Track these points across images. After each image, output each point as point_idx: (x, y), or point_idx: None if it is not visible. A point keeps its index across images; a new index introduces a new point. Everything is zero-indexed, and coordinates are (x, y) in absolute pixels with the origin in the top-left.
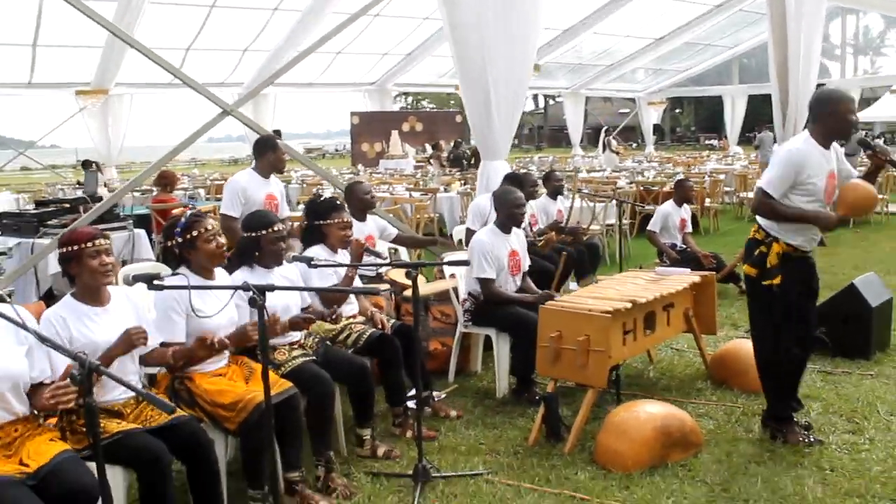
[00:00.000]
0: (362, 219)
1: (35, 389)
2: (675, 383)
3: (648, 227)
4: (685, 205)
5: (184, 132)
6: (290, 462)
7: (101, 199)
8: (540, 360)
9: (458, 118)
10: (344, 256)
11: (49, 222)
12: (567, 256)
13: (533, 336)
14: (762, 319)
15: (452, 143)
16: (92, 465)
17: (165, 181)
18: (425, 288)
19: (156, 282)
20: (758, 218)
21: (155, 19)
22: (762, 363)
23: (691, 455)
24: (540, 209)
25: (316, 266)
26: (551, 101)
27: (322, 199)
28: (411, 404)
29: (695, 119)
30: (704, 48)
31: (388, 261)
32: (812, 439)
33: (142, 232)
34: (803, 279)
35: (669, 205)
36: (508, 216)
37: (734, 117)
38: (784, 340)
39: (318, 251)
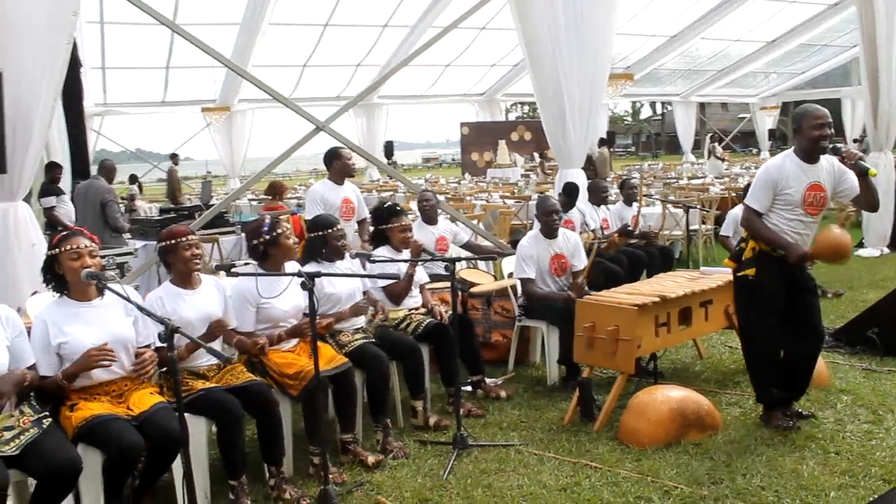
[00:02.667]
0: (434, 222)
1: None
2: (717, 376)
3: (721, 232)
4: None
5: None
6: (345, 425)
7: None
8: (576, 348)
9: None
10: (406, 256)
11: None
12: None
13: None
14: (745, 313)
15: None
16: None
17: (275, 191)
18: (488, 285)
19: (232, 269)
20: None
21: (274, 39)
22: (744, 351)
23: (707, 436)
24: (614, 214)
25: (375, 261)
26: (668, 108)
27: (385, 205)
28: (465, 387)
29: None
30: (820, 49)
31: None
32: (791, 424)
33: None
34: (783, 275)
35: (740, 209)
36: (543, 223)
37: (854, 119)
38: (762, 330)
39: (383, 251)
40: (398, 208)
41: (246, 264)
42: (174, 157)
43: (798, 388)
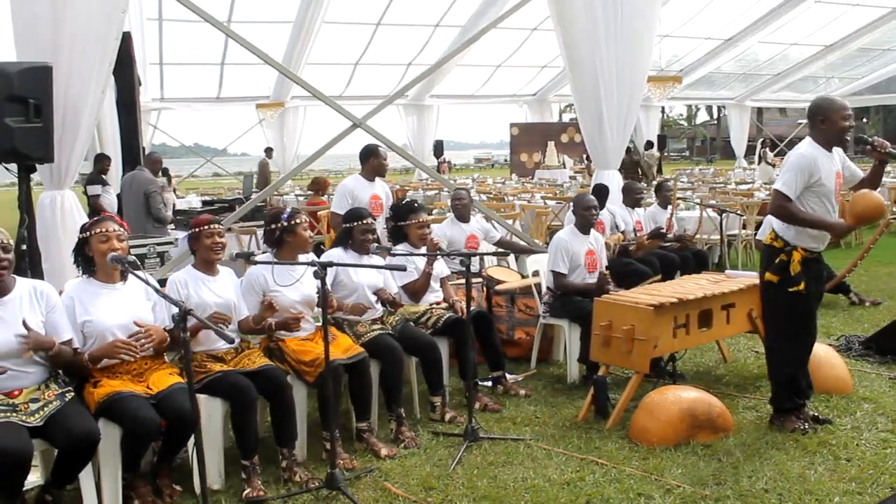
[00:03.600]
0: (466, 220)
1: None
2: (738, 380)
3: (757, 236)
4: None
5: (348, 140)
6: (360, 413)
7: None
8: (593, 346)
9: None
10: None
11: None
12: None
13: None
14: (784, 324)
15: None
16: (198, 397)
17: (318, 186)
18: (512, 283)
19: (251, 258)
20: (774, 226)
21: (327, 37)
22: (779, 365)
23: (718, 438)
24: (648, 217)
25: (394, 255)
26: (724, 112)
27: (403, 202)
28: (481, 381)
29: (883, 129)
30: (881, 54)
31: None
32: (806, 427)
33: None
34: (817, 281)
35: None
36: (583, 217)
37: None
38: (801, 344)
39: (400, 248)
40: (416, 205)
41: (264, 252)
42: (268, 151)
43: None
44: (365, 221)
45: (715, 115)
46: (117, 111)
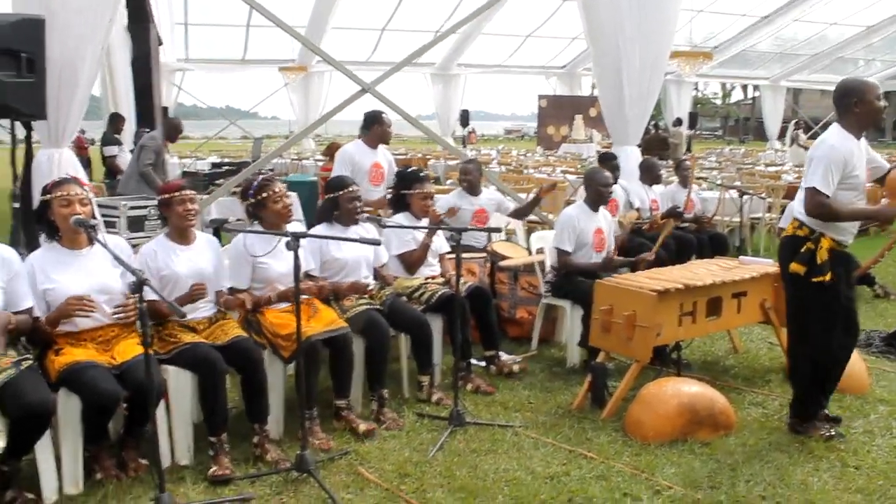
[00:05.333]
0: (475, 193)
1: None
2: (748, 372)
3: (779, 224)
4: None
5: (372, 107)
6: (339, 390)
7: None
8: (592, 331)
9: None
10: (425, 224)
11: (216, 181)
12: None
13: None
14: (811, 319)
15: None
16: (166, 368)
17: (332, 152)
18: (515, 260)
19: (225, 226)
20: (799, 215)
21: (354, 1)
22: (808, 363)
23: (718, 436)
24: (668, 196)
25: (385, 227)
26: (758, 92)
27: (408, 170)
28: (475, 361)
29: None
30: None
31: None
32: (832, 433)
33: (293, 195)
34: (848, 273)
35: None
36: (596, 194)
37: None
38: (834, 339)
39: (401, 218)
40: (422, 174)
41: (239, 220)
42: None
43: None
44: (350, 189)
45: (750, 95)
46: (132, 70)
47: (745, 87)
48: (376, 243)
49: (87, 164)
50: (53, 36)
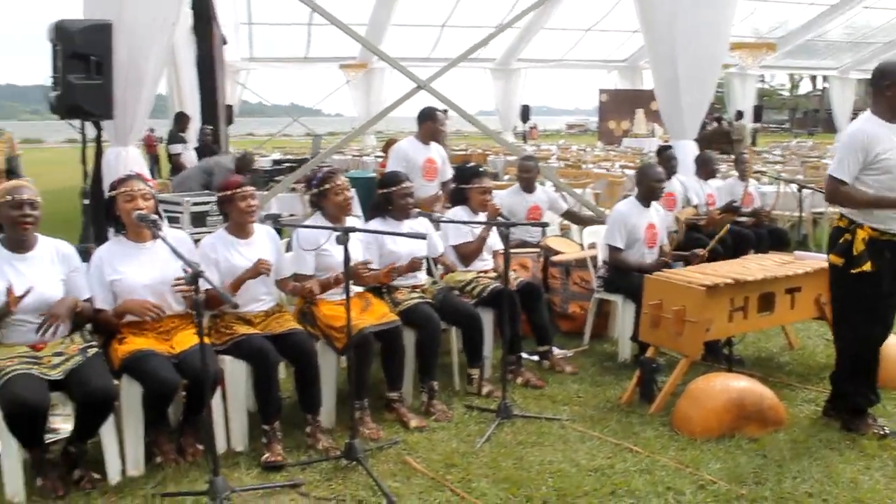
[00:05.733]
0: (531, 190)
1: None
2: (802, 369)
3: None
4: None
5: (430, 103)
6: (391, 383)
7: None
8: (642, 326)
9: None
10: (483, 219)
11: (276, 178)
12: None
13: None
14: (851, 310)
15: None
16: (222, 358)
17: (389, 149)
18: (568, 255)
19: (279, 220)
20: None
21: None
22: (849, 355)
23: (767, 432)
24: (726, 190)
25: (437, 221)
26: (827, 83)
27: (468, 165)
28: (525, 355)
29: None
30: None
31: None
32: (887, 430)
33: (352, 191)
34: (893, 269)
35: None
36: (648, 190)
37: None
38: (874, 331)
39: (458, 212)
40: (481, 169)
41: (291, 216)
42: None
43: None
44: (404, 185)
45: (819, 86)
46: (197, 69)
47: (813, 79)
48: (421, 237)
49: (155, 161)
50: (120, 39)
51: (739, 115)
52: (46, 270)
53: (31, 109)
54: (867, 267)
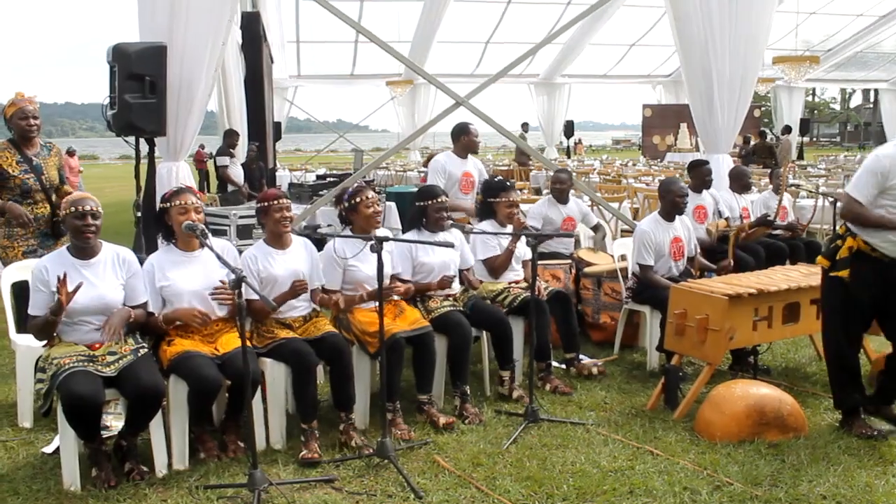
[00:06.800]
0: (564, 202)
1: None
2: (827, 379)
3: None
4: None
5: (470, 119)
6: (422, 386)
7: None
8: (667, 335)
9: (757, 112)
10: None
11: (320, 192)
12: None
13: None
14: (830, 312)
15: (742, 139)
16: (263, 360)
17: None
18: (599, 266)
19: (317, 231)
20: None
21: (458, 15)
22: (829, 356)
23: (787, 438)
24: (761, 203)
25: (469, 233)
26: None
27: (495, 179)
28: (555, 363)
29: None
30: None
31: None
32: (876, 432)
33: (392, 205)
34: (881, 274)
35: None
36: (671, 204)
37: None
38: (845, 335)
39: (486, 225)
40: (508, 183)
41: (329, 226)
42: (525, 126)
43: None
44: (439, 199)
45: (871, 99)
46: (244, 88)
47: (866, 92)
48: (450, 245)
49: (205, 176)
50: (173, 60)
51: (787, 129)
52: (108, 275)
53: (87, 126)
54: (844, 274)
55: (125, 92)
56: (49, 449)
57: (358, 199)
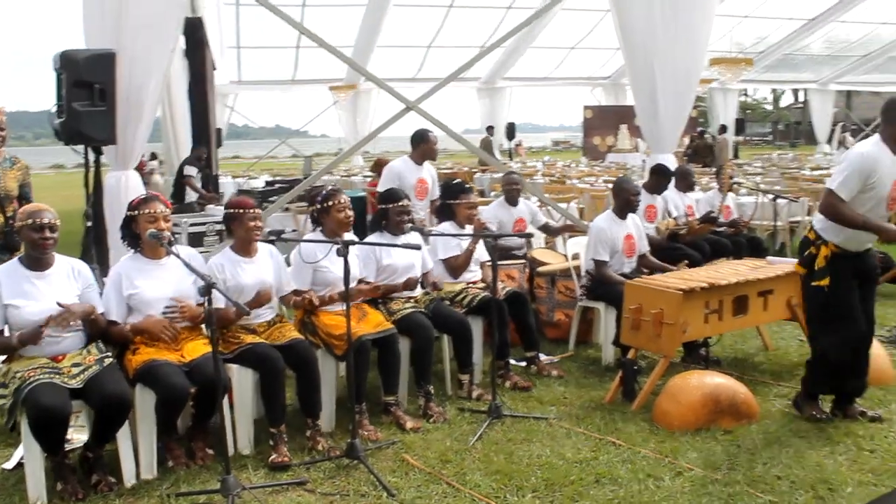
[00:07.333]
0: (515, 203)
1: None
2: (775, 367)
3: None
4: None
5: (417, 123)
6: (388, 387)
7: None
8: (623, 329)
9: (693, 112)
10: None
11: (270, 198)
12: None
13: None
14: (818, 322)
15: (689, 138)
16: (229, 366)
17: (379, 168)
18: (552, 265)
19: (282, 236)
20: (814, 218)
21: (399, 20)
22: (819, 356)
23: (741, 424)
24: (706, 202)
25: (429, 235)
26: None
27: (454, 181)
28: (513, 361)
29: None
30: None
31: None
32: (824, 416)
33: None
34: (855, 275)
35: None
36: (625, 202)
37: None
38: (839, 340)
39: (446, 227)
40: (467, 186)
41: (293, 230)
42: (490, 129)
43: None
44: (401, 203)
45: (801, 99)
46: (189, 95)
47: (795, 92)
48: (416, 247)
49: (145, 184)
50: (122, 66)
51: (723, 129)
52: (63, 287)
53: (15, 135)
54: (825, 283)
55: (73, 100)
56: (9, 465)
57: (331, 203)
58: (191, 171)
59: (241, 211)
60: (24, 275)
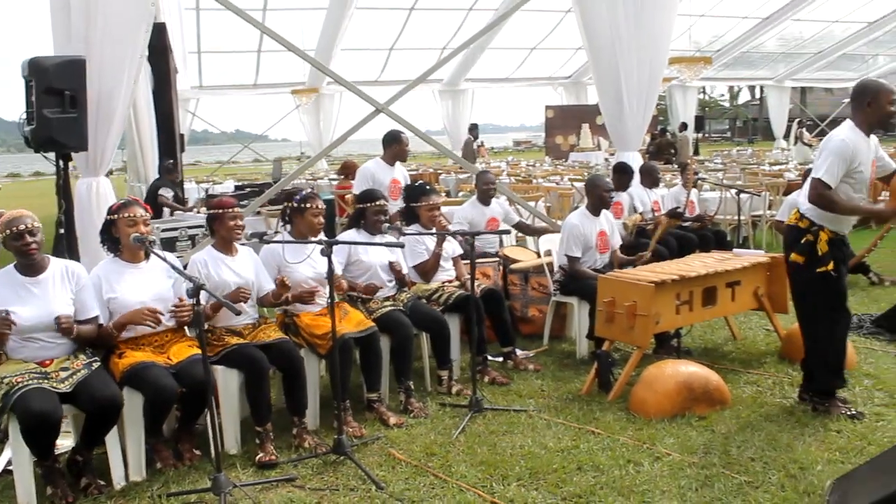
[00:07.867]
0: (488, 203)
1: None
2: (744, 356)
3: (776, 217)
4: None
5: (384, 125)
6: (370, 384)
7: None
8: (597, 322)
9: (654, 110)
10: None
11: (241, 203)
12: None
13: None
14: (816, 306)
15: (650, 136)
16: (215, 368)
17: (347, 170)
18: (526, 262)
19: (265, 237)
20: (801, 206)
21: (361, 22)
22: (817, 347)
23: (714, 410)
24: (672, 198)
25: (403, 234)
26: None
27: (416, 184)
28: (491, 357)
29: None
30: None
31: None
32: (854, 411)
33: None
34: (844, 262)
35: (797, 194)
36: (599, 199)
37: None
38: (839, 323)
39: (412, 229)
40: (428, 188)
41: (276, 233)
42: (473, 129)
43: None
44: (377, 203)
45: (757, 96)
46: (153, 99)
47: (752, 89)
48: (400, 245)
49: None
50: (91, 72)
51: (684, 126)
52: (57, 290)
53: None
54: (830, 267)
55: (43, 107)
56: None
57: (308, 205)
58: (166, 192)
59: (223, 211)
60: (19, 281)
